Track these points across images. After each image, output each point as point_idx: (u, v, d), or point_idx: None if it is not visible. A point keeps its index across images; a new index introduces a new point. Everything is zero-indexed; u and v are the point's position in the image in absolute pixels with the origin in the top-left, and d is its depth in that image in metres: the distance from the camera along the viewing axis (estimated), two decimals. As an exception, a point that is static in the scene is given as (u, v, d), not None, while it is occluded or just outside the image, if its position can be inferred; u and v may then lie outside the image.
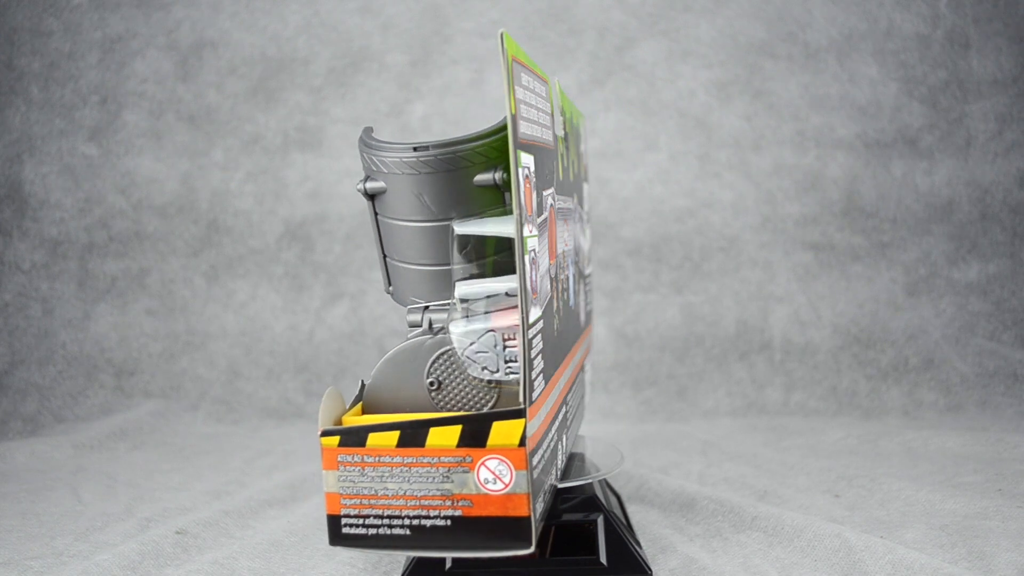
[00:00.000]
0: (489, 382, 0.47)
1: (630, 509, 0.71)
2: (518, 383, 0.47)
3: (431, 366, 0.48)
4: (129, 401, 1.10)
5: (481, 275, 0.49)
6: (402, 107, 1.20)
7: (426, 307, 0.50)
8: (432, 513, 0.43)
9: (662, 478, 0.76)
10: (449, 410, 0.48)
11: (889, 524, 0.66)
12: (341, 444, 0.42)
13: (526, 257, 0.42)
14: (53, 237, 1.18)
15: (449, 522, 0.43)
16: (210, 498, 0.77)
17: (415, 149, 0.47)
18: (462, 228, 0.48)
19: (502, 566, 0.56)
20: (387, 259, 0.51)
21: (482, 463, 0.43)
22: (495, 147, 0.48)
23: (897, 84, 1.19)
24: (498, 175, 0.48)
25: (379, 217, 0.50)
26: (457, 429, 0.43)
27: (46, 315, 1.15)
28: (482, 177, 0.48)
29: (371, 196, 0.49)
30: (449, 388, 0.48)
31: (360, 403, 0.50)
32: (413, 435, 0.43)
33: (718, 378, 1.11)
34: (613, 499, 0.67)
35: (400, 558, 0.61)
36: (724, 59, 1.19)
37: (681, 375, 1.12)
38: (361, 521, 0.43)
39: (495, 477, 0.43)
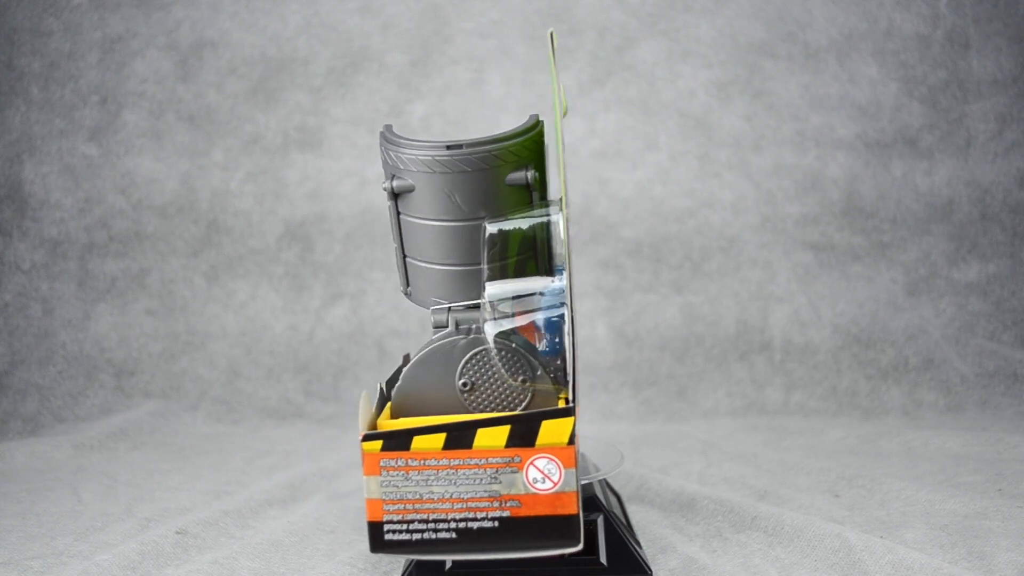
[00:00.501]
0: (523, 382, 0.47)
1: (630, 509, 0.71)
2: (551, 382, 0.47)
3: (463, 367, 0.47)
4: (129, 401, 1.10)
5: (502, 276, 0.48)
6: (402, 107, 1.20)
7: (450, 307, 0.49)
8: (479, 515, 0.43)
9: (662, 478, 0.76)
10: (481, 411, 0.47)
11: (889, 524, 0.66)
12: (384, 448, 0.42)
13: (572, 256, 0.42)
14: (53, 237, 1.18)
15: (497, 523, 0.43)
16: (210, 498, 0.78)
17: (448, 147, 0.46)
18: (496, 228, 0.48)
19: (503, 566, 0.56)
20: (407, 259, 0.51)
21: (531, 463, 0.43)
22: (526, 146, 0.48)
23: (897, 84, 1.19)
24: (530, 174, 0.48)
25: (402, 216, 0.49)
26: (505, 429, 0.43)
27: (46, 315, 1.15)
28: (515, 176, 0.48)
29: (396, 195, 0.48)
30: (482, 389, 0.47)
31: (388, 407, 0.49)
32: (460, 437, 0.42)
33: (718, 378, 1.11)
34: (613, 499, 0.67)
35: (400, 559, 0.61)
36: (724, 59, 1.19)
37: (681, 375, 1.12)
38: (405, 527, 0.43)
39: (544, 476, 0.43)
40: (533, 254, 0.50)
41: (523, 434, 0.43)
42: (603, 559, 0.56)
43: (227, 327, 1.16)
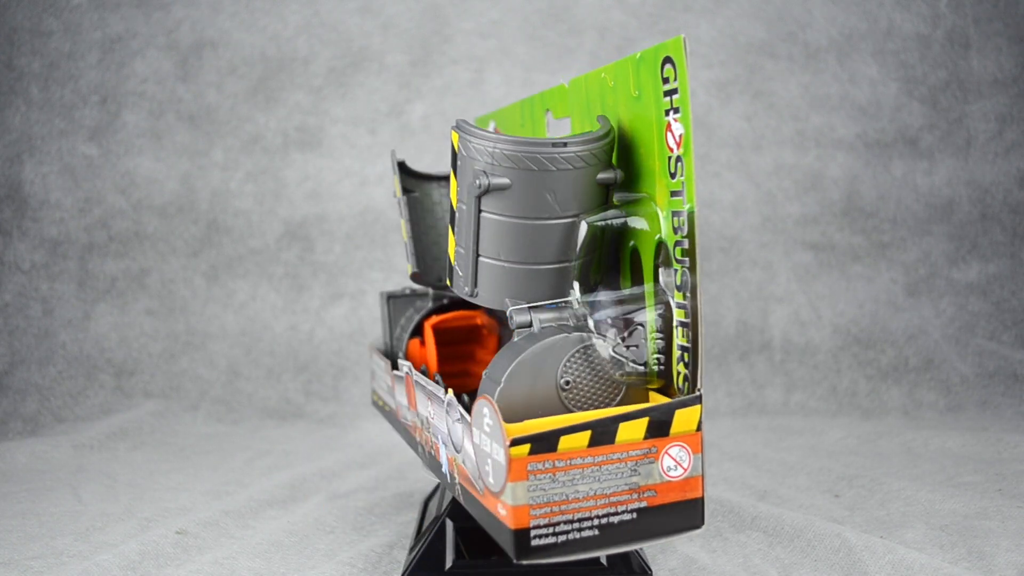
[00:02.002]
0: (621, 375, 0.47)
1: (630, 509, 0.71)
2: (643, 376, 0.47)
3: (565, 365, 0.47)
4: (129, 401, 1.10)
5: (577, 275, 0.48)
6: (402, 107, 1.20)
7: (531, 307, 0.48)
8: (620, 508, 0.43)
9: (662, 478, 0.76)
10: (577, 409, 0.47)
11: (889, 524, 0.66)
12: (532, 452, 0.41)
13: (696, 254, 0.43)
14: (53, 237, 1.18)
15: (635, 515, 0.43)
16: (210, 498, 0.78)
17: (554, 145, 0.46)
18: (595, 225, 0.48)
19: (503, 566, 0.56)
20: (480, 259, 0.49)
21: (665, 452, 0.43)
22: (612, 146, 0.48)
23: (897, 84, 1.19)
24: (618, 174, 0.48)
25: (483, 215, 0.47)
26: (644, 422, 0.43)
27: (46, 315, 1.15)
28: (605, 175, 0.47)
29: (484, 193, 0.47)
30: (579, 387, 0.47)
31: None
32: (603, 433, 0.42)
33: (718, 378, 1.11)
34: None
35: (400, 558, 0.62)
36: (724, 59, 1.19)
37: (681, 375, 1.12)
38: (551, 530, 0.42)
39: (676, 464, 0.44)
40: (603, 252, 0.50)
41: (659, 425, 0.43)
42: (603, 559, 0.56)
43: (227, 327, 1.16)
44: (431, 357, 0.63)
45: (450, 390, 0.48)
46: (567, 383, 0.47)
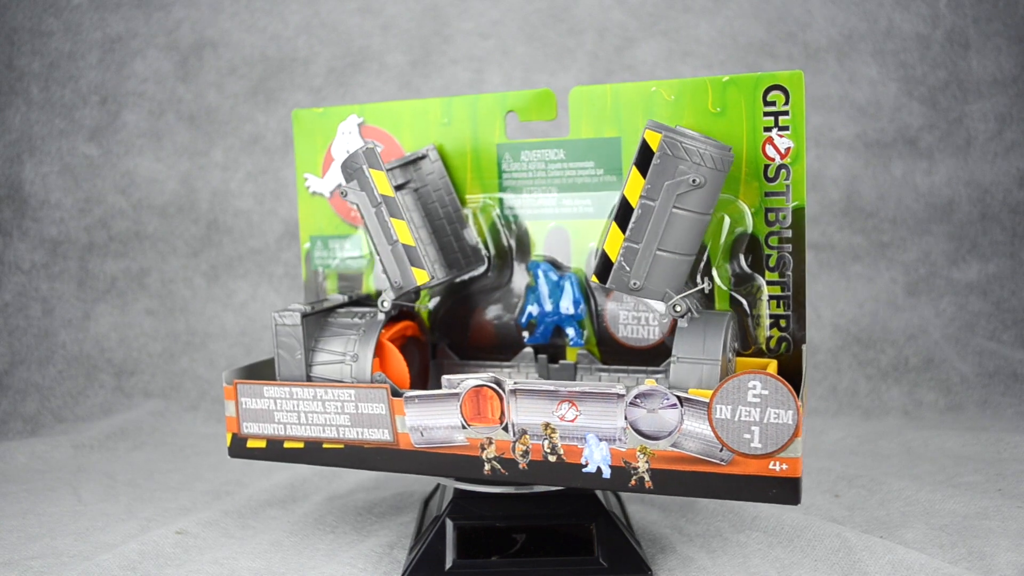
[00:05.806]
0: (737, 345, 0.57)
1: (630, 509, 0.71)
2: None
3: (729, 340, 0.54)
4: (129, 401, 1.10)
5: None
6: (402, 107, 1.20)
7: (684, 296, 0.54)
8: (796, 442, 0.51)
9: (662, 478, 0.76)
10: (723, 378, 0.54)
11: (889, 524, 0.66)
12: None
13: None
14: (53, 237, 1.18)
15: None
16: (210, 498, 0.78)
17: (728, 149, 0.52)
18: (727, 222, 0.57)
19: (503, 566, 0.56)
20: (657, 253, 0.53)
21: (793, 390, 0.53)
22: None
23: (897, 84, 1.19)
24: None
25: (674, 211, 0.52)
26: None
27: (46, 315, 1.15)
28: None
29: (690, 191, 0.52)
30: (730, 358, 0.54)
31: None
32: (798, 383, 0.54)
33: (718, 378, 1.11)
34: (613, 499, 0.67)
35: (400, 558, 0.62)
36: (724, 59, 1.19)
37: (681, 375, 1.12)
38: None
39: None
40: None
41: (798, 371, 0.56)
42: (603, 559, 0.56)
43: (227, 327, 1.16)
44: (400, 370, 0.59)
45: (649, 379, 0.53)
46: (731, 355, 0.54)
